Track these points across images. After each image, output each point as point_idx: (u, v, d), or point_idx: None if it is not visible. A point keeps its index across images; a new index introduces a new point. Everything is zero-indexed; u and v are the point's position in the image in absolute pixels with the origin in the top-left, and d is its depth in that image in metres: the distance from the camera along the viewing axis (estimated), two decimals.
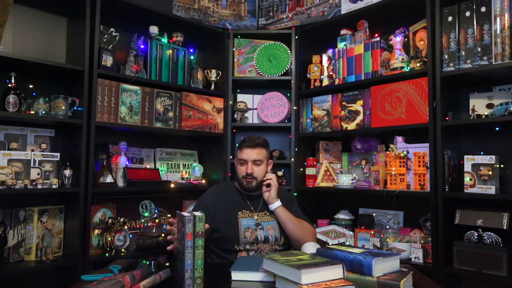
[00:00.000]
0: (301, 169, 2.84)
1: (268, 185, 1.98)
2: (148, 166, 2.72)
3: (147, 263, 1.57)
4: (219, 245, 1.90)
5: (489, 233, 1.95)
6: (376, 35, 2.51)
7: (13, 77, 2.07)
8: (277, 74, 2.89)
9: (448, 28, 2.13)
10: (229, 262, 1.79)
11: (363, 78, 2.51)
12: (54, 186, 2.12)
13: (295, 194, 2.71)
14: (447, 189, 2.07)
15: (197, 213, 1.33)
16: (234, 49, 2.93)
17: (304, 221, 2.02)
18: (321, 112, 2.76)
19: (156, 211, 2.61)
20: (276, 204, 1.95)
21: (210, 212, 1.91)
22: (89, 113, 2.22)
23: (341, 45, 2.68)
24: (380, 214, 2.61)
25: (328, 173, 2.70)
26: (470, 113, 2.13)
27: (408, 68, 2.35)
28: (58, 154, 2.21)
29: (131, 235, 2.35)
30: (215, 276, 1.57)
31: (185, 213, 1.33)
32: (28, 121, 2.20)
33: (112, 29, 2.40)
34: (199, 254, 1.29)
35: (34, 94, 2.22)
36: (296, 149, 2.82)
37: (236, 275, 1.41)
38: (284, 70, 2.88)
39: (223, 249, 1.89)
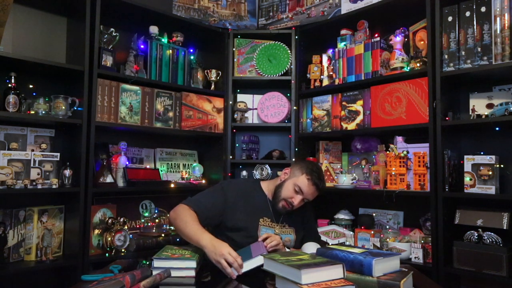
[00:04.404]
0: None
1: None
2: (148, 166, 2.72)
3: (147, 263, 1.57)
4: (238, 236, 1.83)
5: (489, 233, 1.95)
6: (376, 35, 2.51)
7: (13, 77, 2.07)
8: (277, 74, 2.89)
9: (448, 28, 2.13)
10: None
11: (363, 78, 2.51)
12: (54, 186, 2.12)
13: None
14: (447, 189, 2.07)
15: None
16: (234, 49, 2.93)
17: None
18: (321, 112, 2.76)
19: (156, 211, 2.62)
20: None
21: (226, 203, 1.87)
22: (89, 113, 2.22)
23: (341, 45, 2.68)
24: (380, 214, 2.60)
25: (328, 173, 2.70)
26: (470, 113, 2.13)
27: (408, 68, 2.34)
28: (58, 154, 2.21)
29: (131, 235, 2.35)
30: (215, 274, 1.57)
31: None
32: (28, 121, 2.20)
33: (112, 29, 2.40)
34: None
35: (34, 94, 2.23)
36: (296, 149, 2.82)
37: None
38: (284, 70, 2.87)
39: (242, 237, 1.82)
